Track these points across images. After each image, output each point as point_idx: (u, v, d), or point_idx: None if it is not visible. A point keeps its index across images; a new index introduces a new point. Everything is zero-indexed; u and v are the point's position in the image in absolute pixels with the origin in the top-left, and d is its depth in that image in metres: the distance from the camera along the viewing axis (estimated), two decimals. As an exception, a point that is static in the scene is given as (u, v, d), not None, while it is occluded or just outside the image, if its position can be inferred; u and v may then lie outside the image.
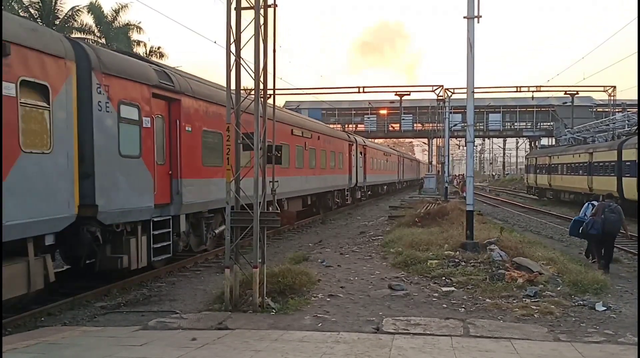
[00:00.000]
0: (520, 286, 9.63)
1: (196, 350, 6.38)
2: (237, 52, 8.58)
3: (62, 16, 33.32)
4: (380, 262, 12.70)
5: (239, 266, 8.78)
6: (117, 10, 36.64)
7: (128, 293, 10.37)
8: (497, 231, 15.22)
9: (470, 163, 14.81)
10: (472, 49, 13.52)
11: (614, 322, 7.91)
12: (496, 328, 7.41)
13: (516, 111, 63.18)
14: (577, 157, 34.43)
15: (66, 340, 7.09)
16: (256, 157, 8.47)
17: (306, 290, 9.47)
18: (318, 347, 6.47)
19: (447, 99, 45.24)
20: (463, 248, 12.74)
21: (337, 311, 8.34)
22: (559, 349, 6.47)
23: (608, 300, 9.04)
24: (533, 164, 47.12)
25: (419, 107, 62.20)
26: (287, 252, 15.11)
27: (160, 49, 38.62)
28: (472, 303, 8.87)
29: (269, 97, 9.18)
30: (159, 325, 7.76)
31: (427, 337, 6.97)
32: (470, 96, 14.05)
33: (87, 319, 8.68)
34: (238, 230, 8.85)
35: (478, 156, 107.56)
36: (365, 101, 61.17)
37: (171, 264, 12.63)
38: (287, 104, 52.47)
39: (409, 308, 8.59)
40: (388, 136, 66.50)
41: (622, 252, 16.11)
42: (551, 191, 41.26)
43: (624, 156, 26.68)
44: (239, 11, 8.61)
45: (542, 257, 12.05)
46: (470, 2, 13.51)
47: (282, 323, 7.68)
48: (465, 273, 10.67)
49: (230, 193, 8.61)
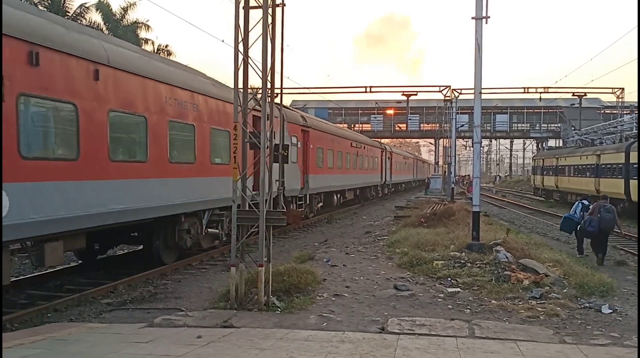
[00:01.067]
0: (526, 288, 9.61)
1: (201, 348, 6.40)
2: (245, 51, 8.60)
3: (71, 13, 33.44)
4: (386, 262, 12.69)
5: (245, 265, 8.80)
6: (125, 8, 36.80)
7: (134, 290, 10.41)
8: (503, 233, 15.16)
9: (477, 164, 14.77)
10: (480, 49, 13.49)
11: (620, 324, 7.88)
12: (502, 329, 7.39)
13: (523, 112, 62.88)
14: (584, 159, 34.27)
15: (72, 336, 7.13)
16: (262, 155, 8.49)
17: (311, 289, 9.48)
18: (323, 346, 6.47)
19: (454, 99, 45.13)
20: (469, 249, 12.72)
21: (342, 311, 8.34)
22: (564, 351, 6.45)
23: (614, 303, 9.00)
24: (540, 166, 46.94)
25: (426, 107, 62.06)
26: (292, 251, 15.14)
27: (168, 47, 38.79)
28: (478, 304, 8.86)
29: (276, 97, 9.20)
30: (165, 323, 7.79)
31: (432, 337, 6.96)
32: (478, 97, 14.00)
33: (94, 316, 8.73)
34: (244, 228, 8.87)
35: (485, 157, 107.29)
36: (372, 101, 61.08)
37: (177, 262, 12.69)
38: (294, 103, 52.47)
39: (414, 309, 8.58)
40: (394, 136, 66.42)
41: (629, 255, 16.04)
42: (558, 193, 41.08)
43: (631, 158, 26.54)
44: (247, 10, 8.63)
45: (548, 259, 12.01)
46: (479, 3, 13.47)
47: (287, 322, 7.69)
48: (471, 274, 10.64)
49: (237, 192, 8.62)
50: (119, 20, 36.62)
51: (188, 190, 12.05)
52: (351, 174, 30.16)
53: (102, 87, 9.31)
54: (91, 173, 9.08)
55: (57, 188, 8.36)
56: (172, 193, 11.45)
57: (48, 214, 8.15)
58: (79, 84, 8.82)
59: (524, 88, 53.38)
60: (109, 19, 36.01)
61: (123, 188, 9.91)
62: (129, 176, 10.12)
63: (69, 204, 8.57)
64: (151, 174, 10.77)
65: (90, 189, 9.05)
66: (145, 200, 10.58)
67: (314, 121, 23.94)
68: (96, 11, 35.48)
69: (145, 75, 10.58)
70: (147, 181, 10.65)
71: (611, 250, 16.99)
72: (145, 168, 10.62)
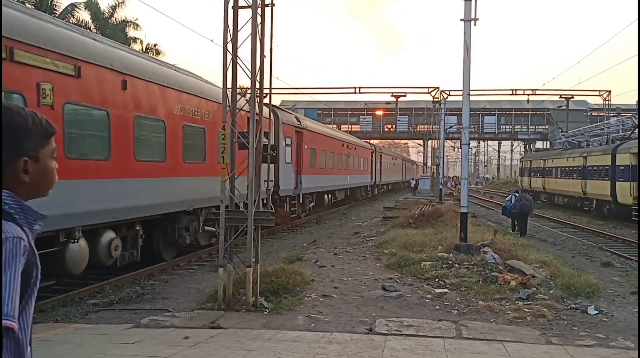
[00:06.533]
0: (513, 289, 9.66)
1: (188, 349, 6.37)
2: (234, 51, 8.57)
3: (59, 11, 33.12)
4: (374, 263, 12.71)
5: (233, 265, 8.77)
6: (113, 6, 36.52)
7: (121, 291, 10.34)
8: (491, 234, 15.26)
9: (465, 165, 14.83)
10: (469, 51, 13.55)
11: (606, 325, 7.94)
12: (489, 330, 7.42)
13: (511, 114, 63.26)
14: (571, 161, 34.57)
15: (58, 337, 7.07)
16: (251, 156, 8.46)
17: (299, 290, 9.47)
18: (311, 347, 6.47)
19: (442, 101, 45.30)
20: (457, 250, 12.76)
21: (330, 312, 8.34)
22: (550, 352, 6.49)
23: (600, 304, 9.07)
24: (527, 167, 47.28)
25: (415, 108, 62.20)
26: (281, 252, 15.11)
27: (157, 46, 38.54)
28: (465, 305, 8.89)
29: (265, 97, 9.18)
30: (152, 323, 7.74)
31: (420, 338, 6.98)
32: (466, 99, 14.07)
33: (80, 316, 8.65)
34: (232, 229, 8.84)
35: (473, 159, 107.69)
36: (361, 102, 61.16)
37: (165, 262, 12.64)
38: (283, 103, 52.40)
39: (402, 310, 8.60)
40: (383, 137, 66.53)
41: (615, 256, 16.20)
42: (545, 195, 41.40)
43: (617, 160, 26.81)
44: (237, 10, 8.61)
45: (535, 260, 12.09)
46: (467, 5, 13.53)
47: (275, 323, 7.67)
48: (459, 275, 10.69)
49: (225, 192, 8.59)
50: (108, 19, 36.34)
51: (198, 188, 12.87)
52: (343, 174, 30.95)
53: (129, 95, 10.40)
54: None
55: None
56: (185, 190, 12.40)
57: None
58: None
59: (512, 90, 53.74)
60: (98, 18, 35.73)
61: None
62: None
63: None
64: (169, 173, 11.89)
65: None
66: (164, 196, 11.64)
67: (308, 123, 24.65)
68: (85, 9, 35.20)
69: (166, 84, 11.67)
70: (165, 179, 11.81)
71: (597, 251, 17.18)
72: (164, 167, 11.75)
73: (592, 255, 16.39)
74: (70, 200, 8.58)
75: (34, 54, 8.09)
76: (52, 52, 8.44)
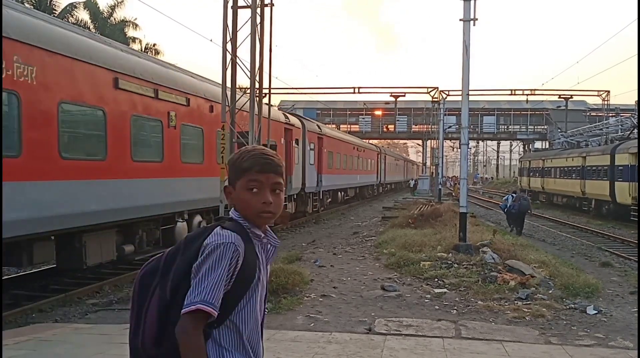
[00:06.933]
0: (512, 289, 9.66)
1: (188, 349, 6.35)
2: (233, 50, 8.58)
3: (58, 11, 33.10)
4: (373, 263, 12.71)
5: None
6: (113, 6, 36.50)
7: (120, 291, 10.34)
8: (490, 234, 15.26)
9: (464, 166, 14.83)
10: (468, 51, 13.55)
11: (605, 325, 7.95)
12: (488, 330, 7.43)
13: (510, 114, 63.33)
14: (570, 161, 34.59)
15: (57, 337, 7.06)
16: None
17: (299, 290, 9.46)
18: (310, 346, 6.47)
19: (441, 101, 45.32)
20: (456, 250, 12.76)
21: (330, 312, 8.34)
22: (550, 352, 6.49)
23: (599, 304, 9.07)
24: (526, 167, 47.32)
25: (414, 108, 62.21)
26: (280, 251, 15.07)
27: (156, 46, 38.54)
28: (464, 305, 8.89)
29: (264, 96, 9.19)
30: (151, 323, 7.71)
31: (419, 338, 6.98)
32: (465, 99, 14.06)
33: (79, 316, 8.64)
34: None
35: (472, 159, 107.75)
36: (360, 102, 61.16)
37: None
38: (282, 103, 52.39)
39: (401, 309, 8.60)
40: (383, 137, 66.53)
41: (614, 256, 16.22)
42: (544, 195, 41.43)
43: (616, 160, 26.85)
44: (236, 10, 8.62)
45: (535, 260, 12.10)
46: (467, 5, 13.53)
47: (274, 323, 7.67)
48: (458, 275, 10.69)
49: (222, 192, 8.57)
50: (107, 19, 36.31)
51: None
52: (353, 174, 34.96)
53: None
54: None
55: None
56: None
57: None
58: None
59: (511, 90, 53.79)
60: (97, 18, 35.71)
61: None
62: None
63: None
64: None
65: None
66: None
67: (326, 129, 29.39)
68: (84, 9, 35.17)
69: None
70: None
71: (596, 251, 17.20)
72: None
73: (591, 255, 16.42)
74: (183, 191, 11.84)
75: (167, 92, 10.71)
76: (177, 91, 11.10)
